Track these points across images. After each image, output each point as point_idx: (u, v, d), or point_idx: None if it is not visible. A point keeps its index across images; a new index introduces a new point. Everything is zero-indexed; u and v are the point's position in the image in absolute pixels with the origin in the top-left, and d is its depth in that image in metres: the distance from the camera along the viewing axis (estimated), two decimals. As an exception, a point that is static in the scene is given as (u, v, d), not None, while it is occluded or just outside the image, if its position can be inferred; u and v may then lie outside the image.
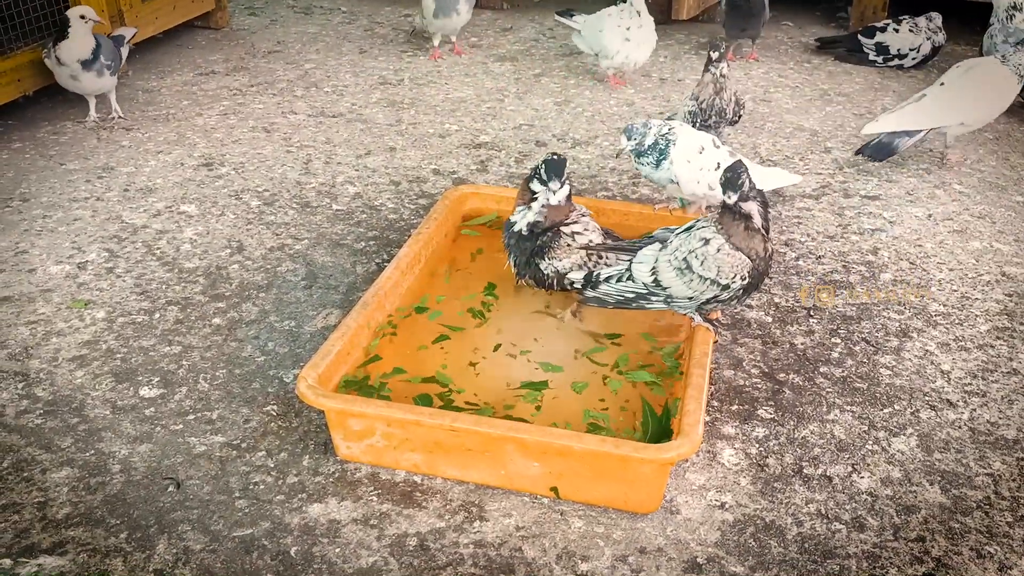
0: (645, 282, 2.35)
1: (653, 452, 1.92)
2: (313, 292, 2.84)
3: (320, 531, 1.98)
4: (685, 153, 2.85)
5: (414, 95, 4.47)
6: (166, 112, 4.21)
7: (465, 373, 2.37)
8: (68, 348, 2.57)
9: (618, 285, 2.38)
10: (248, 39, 5.29)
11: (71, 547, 1.94)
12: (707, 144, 2.90)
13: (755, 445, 2.25)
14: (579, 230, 2.60)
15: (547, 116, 4.24)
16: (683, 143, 2.86)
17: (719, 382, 2.46)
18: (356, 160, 3.75)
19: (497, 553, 1.94)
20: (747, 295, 2.35)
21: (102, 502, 2.06)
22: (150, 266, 2.97)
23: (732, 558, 1.94)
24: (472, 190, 3.11)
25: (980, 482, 2.15)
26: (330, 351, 2.21)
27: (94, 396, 2.38)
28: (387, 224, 3.25)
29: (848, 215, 3.36)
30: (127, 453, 2.20)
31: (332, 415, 2.09)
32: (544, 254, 2.57)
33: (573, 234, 2.58)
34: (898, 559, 1.94)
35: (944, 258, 3.08)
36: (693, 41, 5.37)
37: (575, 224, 2.60)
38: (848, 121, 4.22)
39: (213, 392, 2.40)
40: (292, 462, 2.17)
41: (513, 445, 2.00)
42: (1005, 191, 3.57)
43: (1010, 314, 2.78)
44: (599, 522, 2.02)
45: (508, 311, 2.65)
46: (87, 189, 3.47)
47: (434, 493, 2.09)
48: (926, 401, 2.41)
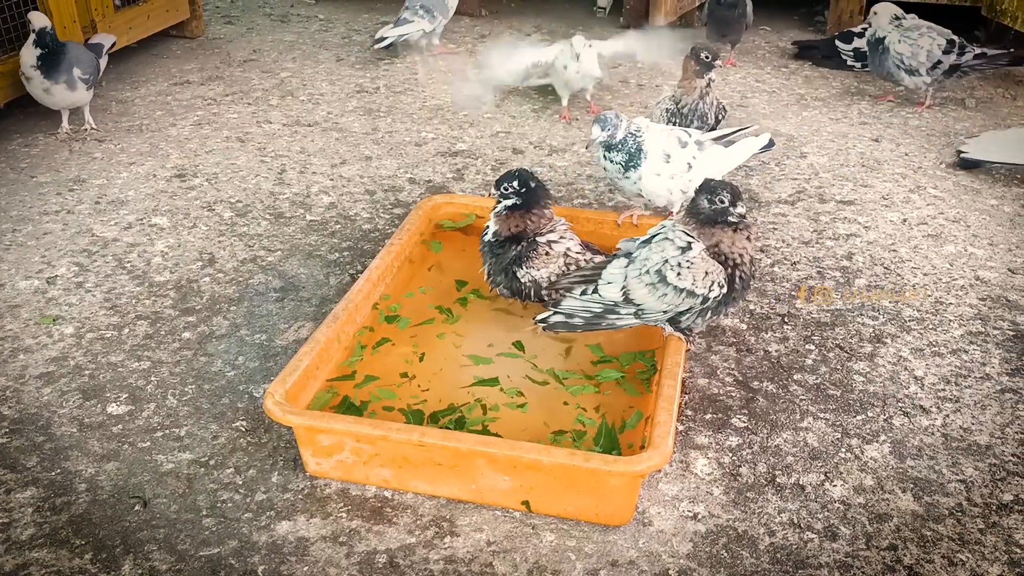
0: (615, 300, 2.31)
1: (623, 465, 1.91)
2: (285, 304, 2.82)
3: (288, 549, 1.96)
4: (653, 166, 2.82)
5: (391, 103, 4.45)
6: (139, 123, 4.18)
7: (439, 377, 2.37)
8: (35, 365, 2.53)
9: (583, 299, 2.33)
10: (224, 48, 5.26)
11: (35, 569, 1.91)
12: (673, 148, 2.85)
13: (728, 454, 2.24)
14: (555, 239, 2.59)
15: (524, 123, 4.23)
16: (652, 154, 2.82)
17: (693, 391, 2.45)
18: (331, 169, 3.73)
19: (468, 569, 1.92)
20: (726, 306, 2.32)
21: (67, 522, 2.03)
22: (120, 280, 2.94)
23: (704, 570, 1.92)
24: (446, 199, 3.09)
25: (952, 489, 2.14)
26: (298, 366, 2.18)
27: (61, 414, 2.35)
28: (362, 234, 3.23)
29: (823, 220, 3.36)
30: (94, 472, 2.17)
31: (300, 431, 2.07)
32: (521, 263, 2.55)
33: (549, 243, 2.57)
34: (870, 568, 1.93)
35: (919, 263, 3.09)
36: (672, 47, 5.37)
37: (551, 233, 2.59)
38: (824, 126, 4.23)
39: (182, 408, 2.37)
40: (261, 479, 2.14)
41: (483, 459, 1.99)
42: (980, 194, 3.58)
43: (984, 318, 2.79)
44: (571, 535, 2.00)
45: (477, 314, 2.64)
46: (58, 202, 3.43)
47: (404, 508, 2.07)
48: (899, 407, 2.41)
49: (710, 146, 2.92)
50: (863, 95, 4.63)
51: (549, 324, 2.36)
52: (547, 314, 2.37)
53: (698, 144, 2.90)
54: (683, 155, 2.84)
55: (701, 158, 2.87)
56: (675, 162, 2.83)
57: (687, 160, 2.84)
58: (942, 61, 4.27)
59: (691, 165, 2.84)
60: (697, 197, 2.28)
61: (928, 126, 4.25)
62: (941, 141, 4.07)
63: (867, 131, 4.18)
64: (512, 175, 2.57)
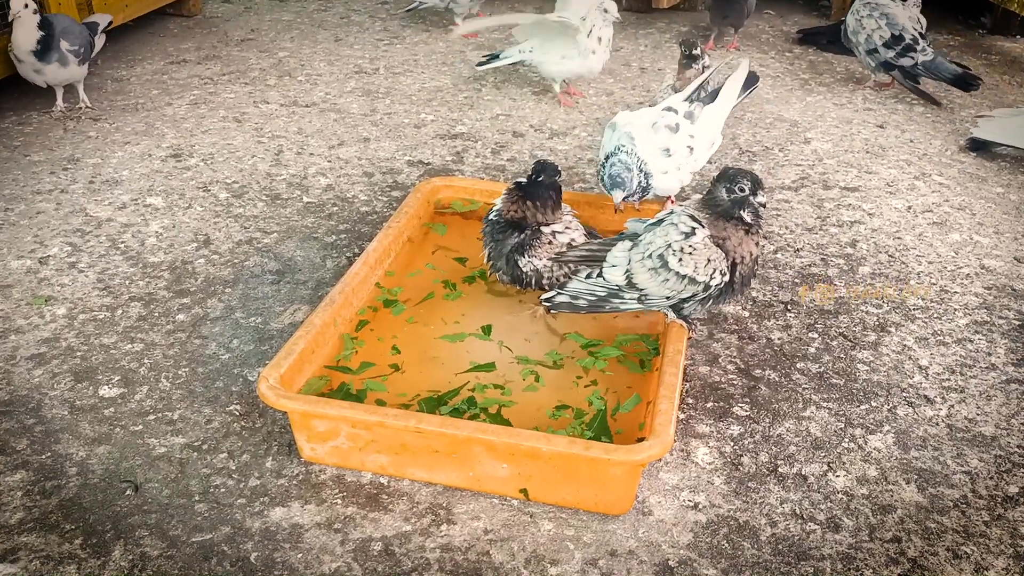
0: (619, 284, 2.28)
1: (624, 454, 1.87)
2: (281, 287, 2.78)
3: (282, 536, 1.92)
4: (659, 168, 2.75)
5: (390, 84, 4.39)
6: (135, 102, 4.12)
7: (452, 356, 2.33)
8: (27, 346, 2.49)
9: (588, 282, 2.31)
10: (221, 27, 5.19)
11: (23, 554, 1.88)
12: (668, 140, 2.75)
13: (730, 443, 2.21)
14: (559, 229, 2.53)
15: (525, 106, 4.17)
16: (653, 164, 2.73)
17: (694, 379, 2.42)
18: (329, 151, 3.68)
19: (464, 558, 1.89)
20: (726, 296, 2.27)
21: (57, 506, 1.99)
22: (114, 260, 2.89)
23: (705, 560, 1.89)
24: (445, 182, 3.04)
25: (957, 480, 2.11)
26: (293, 350, 2.14)
27: (52, 396, 2.31)
28: (359, 217, 3.19)
29: (827, 207, 3.32)
30: (84, 455, 2.13)
31: (295, 416, 2.03)
32: (524, 251, 2.50)
33: (554, 233, 2.52)
34: (873, 560, 1.90)
35: (923, 251, 3.05)
36: (673, 30, 5.31)
37: (556, 224, 2.54)
38: (829, 111, 4.18)
39: (175, 391, 2.33)
40: (255, 464, 2.11)
41: (481, 447, 1.95)
42: (985, 182, 3.54)
43: (989, 308, 2.75)
44: (569, 524, 1.97)
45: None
46: (51, 181, 3.38)
47: (401, 495, 2.03)
48: (903, 397, 2.37)
49: (700, 111, 2.81)
50: (868, 80, 4.57)
51: (554, 304, 2.34)
52: (551, 294, 2.34)
53: (688, 117, 2.80)
54: (680, 141, 2.77)
55: (697, 131, 2.80)
56: (676, 153, 2.77)
57: (686, 144, 2.78)
58: (878, 52, 4.20)
59: (691, 147, 2.79)
60: (715, 187, 2.20)
61: (933, 113, 4.19)
62: (947, 128, 4.02)
63: (872, 117, 4.13)
64: (538, 162, 2.53)
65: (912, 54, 4.13)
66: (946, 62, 4.17)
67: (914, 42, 4.13)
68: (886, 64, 4.21)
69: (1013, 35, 5.30)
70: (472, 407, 2.16)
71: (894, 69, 4.21)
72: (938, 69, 4.15)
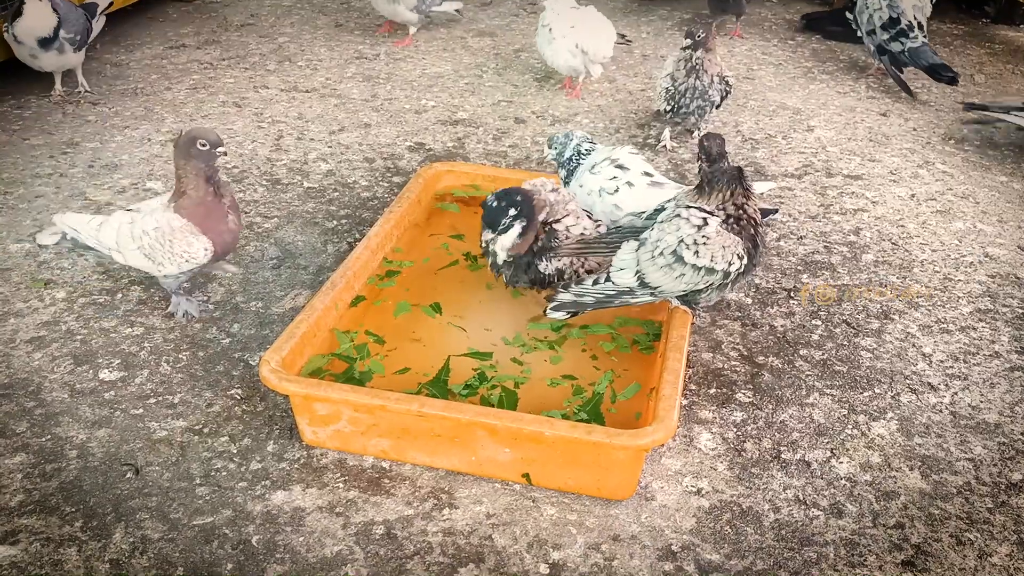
0: (630, 286, 2.23)
1: (627, 438, 1.86)
2: (282, 272, 2.76)
3: (284, 519, 1.91)
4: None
5: (390, 70, 4.37)
6: (134, 86, 4.09)
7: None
8: (26, 329, 2.48)
9: (595, 288, 2.25)
10: (221, 12, 5.15)
11: (24, 536, 1.87)
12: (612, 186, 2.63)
13: (733, 429, 2.20)
14: (572, 222, 2.45)
15: (526, 92, 4.15)
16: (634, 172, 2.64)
17: (697, 365, 2.41)
18: (329, 136, 3.66)
19: (466, 541, 1.88)
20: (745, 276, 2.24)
21: (57, 489, 1.98)
22: (113, 244, 2.87)
23: (707, 545, 1.89)
24: (447, 168, 3.02)
25: (961, 467, 2.11)
26: (295, 333, 2.13)
27: (52, 379, 2.30)
28: (360, 202, 3.17)
29: (830, 195, 3.30)
30: (85, 438, 2.12)
31: (296, 400, 2.02)
32: (542, 255, 2.40)
33: (567, 228, 2.45)
34: (876, 546, 1.90)
35: (927, 239, 3.04)
36: (676, 17, 5.28)
37: (567, 217, 2.45)
38: (832, 99, 4.16)
39: (175, 375, 2.32)
40: (256, 448, 2.10)
41: (483, 431, 1.94)
42: (989, 171, 3.52)
43: (993, 296, 2.74)
44: (572, 509, 1.96)
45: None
46: (50, 165, 3.36)
47: (403, 479, 2.02)
48: (907, 384, 2.36)
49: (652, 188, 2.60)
50: (871, 67, 4.55)
51: (560, 304, 2.29)
52: (557, 303, 2.29)
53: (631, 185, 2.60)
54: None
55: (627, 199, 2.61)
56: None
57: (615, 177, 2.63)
58: (876, 33, 4.20)
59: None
60: (702, 164, 2.19)
61: (937, 101, 4.18)
62: (950, 116, 4.00)
63: (875, 105, 4.11)
64: (501, 208, 2.34)
65: (903, 39, 4.14)
66: (929, 52, 4.17)
67: (908, 28, 4.14)
68: (879, 48, 4.21)
69: (1016, 24, 5.28)
70: (484, 382, 2.19)
71: (885, 54, 4.21)
72: (918, 56, 4.16)
